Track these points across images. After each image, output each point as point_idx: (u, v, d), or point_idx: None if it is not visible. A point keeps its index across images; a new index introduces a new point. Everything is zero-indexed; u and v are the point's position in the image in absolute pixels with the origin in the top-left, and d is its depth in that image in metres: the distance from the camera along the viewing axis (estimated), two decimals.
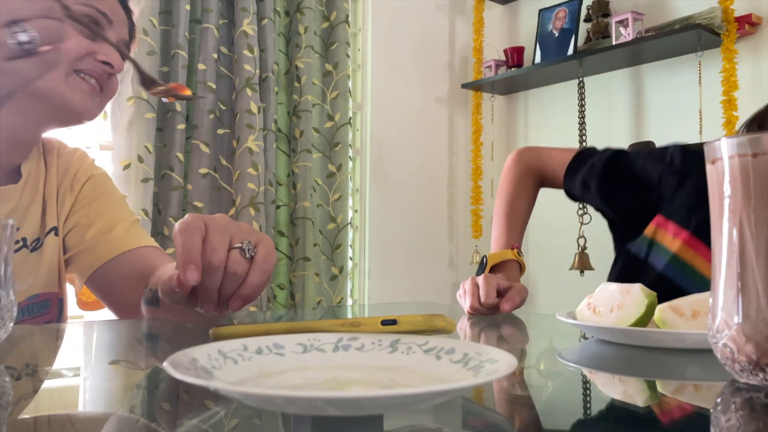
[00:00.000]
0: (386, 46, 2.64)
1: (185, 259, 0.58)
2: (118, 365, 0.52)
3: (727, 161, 0.38)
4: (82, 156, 0.94)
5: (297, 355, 0.41)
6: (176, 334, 0.68)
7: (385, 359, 0.41)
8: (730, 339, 0.38)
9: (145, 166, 1.90)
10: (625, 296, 0.55)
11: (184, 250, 0.58)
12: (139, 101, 1.91)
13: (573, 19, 2.49)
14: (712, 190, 0.40)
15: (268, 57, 2.15)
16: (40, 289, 0.83)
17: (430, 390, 0.29)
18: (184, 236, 0.59)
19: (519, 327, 0.79)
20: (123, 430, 0.34)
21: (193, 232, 0.59)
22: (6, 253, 0.46)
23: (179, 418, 0.36)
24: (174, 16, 1.99)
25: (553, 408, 0.39)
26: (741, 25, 2.06)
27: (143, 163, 1.90)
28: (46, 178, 0.87)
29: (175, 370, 0.31)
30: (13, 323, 0.48)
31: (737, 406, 0.37)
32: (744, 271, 0.37)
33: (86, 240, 0.86)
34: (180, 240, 0.59)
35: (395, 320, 0.44)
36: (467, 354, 0.38)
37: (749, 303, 0.37)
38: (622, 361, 0.52)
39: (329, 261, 2.32)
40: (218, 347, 0.38)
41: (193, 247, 0.58)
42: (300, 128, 2.25)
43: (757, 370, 0.37)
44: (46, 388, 0.43)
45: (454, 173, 2.85)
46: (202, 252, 0.59)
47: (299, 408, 0.29)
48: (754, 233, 0.37)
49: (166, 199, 1.96)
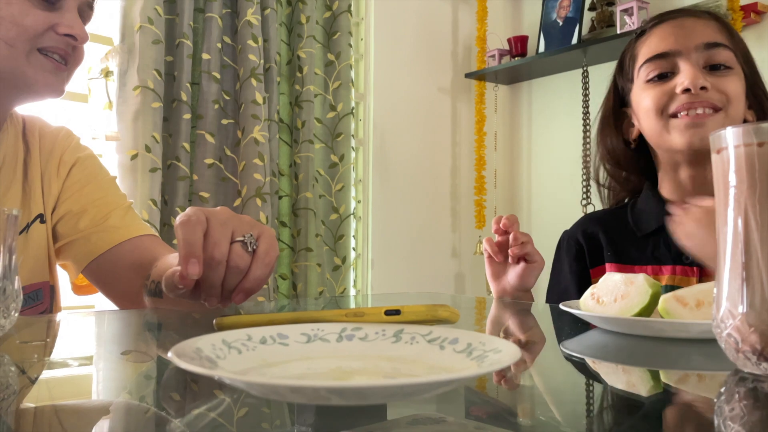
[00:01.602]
0: (389, 36, 2.63)
1: (187, 253, 0.57)
2: (129, 355, 0.53)
3: (732, 150, 0.38)
4: (67, 135, 0.90)
5: (301, 345, 0.41)
6: (182, 323, 0.68)
7: (389, 349, 0.41)
8: (735, 329, 0.38)
9: (153, 155, 1.89)
10: (629, 286, 0.54)
11: (186, 243, 0.58)
12: (145, 90, 1.90)
13: (577, 7, 2.47)
14: (717, 180, 0.40)
15: (272, 47, 2.14)
16: (27, 279, 0.81)
17: (433, 380, 0.29)
18: (185, 229, 0.58)
19: (523, 317, 0.79)
20: (131, 418, 0.34)
21: (195, 225, 0.59)
22: (10, 243, 0.46)
23: (186, 406, 0.37)
24: (179, 5, 1.98)
25: (556, 398, 0.39)
26: (747, 13, 2.05)
27: (151, 152, 1.89)
28: (28, 161, 0.84)
29: (180, 359, 0.31)
30: (18, 313, 0.48)
31: (741, 395, 0.37)
32: (749, 260, 0.37)
33: (80, 229, 0.85)
34: (181, 233, 0.58)
35: (399, 310, 0.44)
36: (471, 344, 0.38)
37: (754, 292, 0.37)
38: (626, 351, 0.52)
39: (332, 251, 2.32)
40: (222, 337, 0.39)
41: (194, 241, 0.58)
42: (302, 119, 2.24)
43: (762, 359, 0.37)
44: (54, 377, 0.43)
45: (458, 163, 2.84)
46: (204, 246, 0.59)
47: (303, 397, 0.29)
48: (759, 222, 0.37)
49: (173, 189, 1.96)
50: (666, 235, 0.94)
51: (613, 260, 1.00)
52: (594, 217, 1.09)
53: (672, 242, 0.92)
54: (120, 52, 1.92)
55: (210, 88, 2.03)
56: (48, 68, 0.75)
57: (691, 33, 0.91)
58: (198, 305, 0.70)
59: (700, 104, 0.88)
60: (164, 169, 1.97)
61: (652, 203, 0.98)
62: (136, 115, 1.89)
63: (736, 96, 0.90)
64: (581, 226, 1.07)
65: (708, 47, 0.89)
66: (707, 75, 0.89)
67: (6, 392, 0.39)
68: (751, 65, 0.95)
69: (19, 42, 0.72)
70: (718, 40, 0.90)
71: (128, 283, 0.82)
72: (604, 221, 1.05)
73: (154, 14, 1.91)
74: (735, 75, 0.91)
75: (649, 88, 0.94)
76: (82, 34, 0.76)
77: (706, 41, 0.90)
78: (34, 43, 0.74)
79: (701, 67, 0.90)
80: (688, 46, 0.90)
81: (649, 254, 0.95)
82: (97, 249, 0.84)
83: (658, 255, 0.94)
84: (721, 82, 0.89)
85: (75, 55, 0.78)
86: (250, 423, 0.32)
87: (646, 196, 0.99)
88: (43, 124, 0.89)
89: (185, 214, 0.60)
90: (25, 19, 0.72)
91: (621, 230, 1.00)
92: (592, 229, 1.04)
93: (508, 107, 2.90)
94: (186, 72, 1.97)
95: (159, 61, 1.92)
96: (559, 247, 1.10)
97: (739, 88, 0.91)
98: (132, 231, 0.85)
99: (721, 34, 0.92)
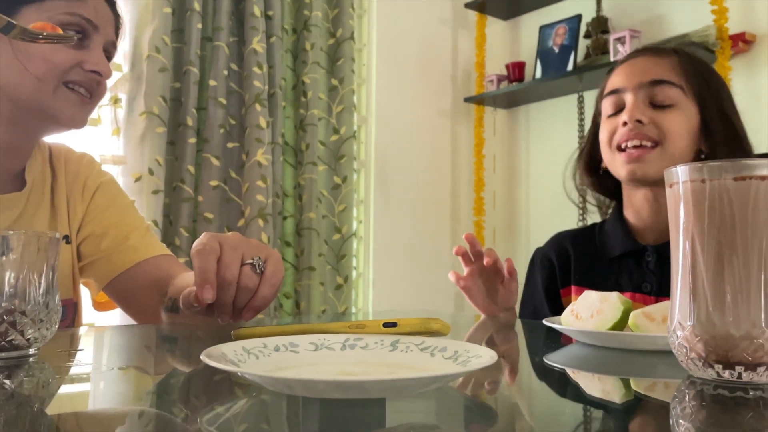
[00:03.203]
0: (391, 61, 2.71)
1: (202, 280, 0.65)
2: (164, 363, 0.59)
3: (681, 186, 0.44)
4: (90, 162, 0.96)
5: (309, 353, 0.47)
6: (204, 335, 0.74)
7: (387, 356, 0.47)
8: (684, 339, 0.44)
9: (156, 178, 1.97)
10: (603, 303, 0.61)
11: (201, 271, 0.65)
12: (150, 116, 1.98)
13: (573, 35, 2.56)
14: (670, 211, 0.46)
15: (276, 73, 2.22)
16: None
17: (421, 376, 0.35)
18: (200, 257, 0.66)
19: (509, 331, 0.85)
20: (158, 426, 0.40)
21: (209, 254, 0.66)
22: (53, 263, 0.52)
23: (209, 405, 0.42)
24: (186, 34, 2.07)
25: (540, 404, 0.44)
26: (735, 42, 2.13)
27: (154, 175, 1.97)
28: (54, 186, 0.90)
29: (210, 360, 0.38)
30: (57, 325, 0.55)
31: (690, 397, 0.43)
32: (695, 281, 0.43)
33: (101, 249, 0.91)
34: (197, 262, 0.66)
35: (395, 323, 0.50)
36: (457, 351, 0.44)
37: (699, 308, 0.43)
38: (601, 362, 0.58)
39: (334, 271, 2.38)
40: (242, 345, 0.45)
41: (209, 269, 0.65)
42: (306, 141, 2.31)
43: (706, 366, 0.43)
44: (88, 382, 0.49)
45: (457, 185, 2.91)
46: (217, 270, 0.66)
47: (311, 390, 0.35)
48: (705, 249, 0.43)
49: (178, 210, 2.03)
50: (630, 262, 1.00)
51: (578, 283, 1.06)
52: (567, 236, 1.13)
53: (634, 270, 0.98)
54: (129, 80, 2.01)
55: (216, 113, 2.11)
56: (73, 101, 0.81)
57: (640, 71, 0.97)
58: (210, 320, 0.77)
59: (635, 137, 0.94)
60: (170, 191, 2.04)
61: (617, 228, 1.04)
62: (141, 139, 1.98)
63: (673, 131, 0.94)
64: (554, 246, 1.12)
65: (652, 84, 0.95)
66: (650, 110, 0.95)
67: (46, 393, 0.45)
68: (709, 101, 0.98)
69: (48, 77, 0.78)
70: (664, 77, 0.96)
71: (146, 299, 0.88)
72: (575, 241, 1.10)
73: (161, 43, 2.00)
74: (677, 111, 0.96)
75: (605, 122, 1.01)
76: (106, 71, 0.83)
77: (650, 79, 0.96)
78: (62, 78, 0.80)
79: (646, 103, 0.96)
80: (635, 84, 0.97)
81: (613, 281, 1.01)
82: (117, 268, 0.90)
83: (621, 282, 1.00)
84: (661, 118, 0.94)
85: (99, 90, 0.85)
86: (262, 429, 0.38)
87: (613, 219, 1.06)
88: (68, 151, 0.95)
89: (200, 242, 0.67)
90: (55, 56, 0.78)
91: (590, 252, 1.06)
92: (564, 248, 1.10)
93: (506, 130, 2.98)
94: (192, 98, 2.06)
95: (165, 88, 2.00)
96: (532, 263, 1.15)
97: (679, 123, 0.95)
98: (150, 251, 0.91)
99: (673, 71, 0.97)
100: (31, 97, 0.78)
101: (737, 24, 2.15)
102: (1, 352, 0.50)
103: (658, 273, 0.97)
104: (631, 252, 1.01)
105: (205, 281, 0.65)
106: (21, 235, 0.51)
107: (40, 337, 0.52)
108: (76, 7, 0.80)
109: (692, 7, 2.26)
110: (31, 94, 0.78)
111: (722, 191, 0.42)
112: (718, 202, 0.42)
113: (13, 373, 0.48)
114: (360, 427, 0.35)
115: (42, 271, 0.52)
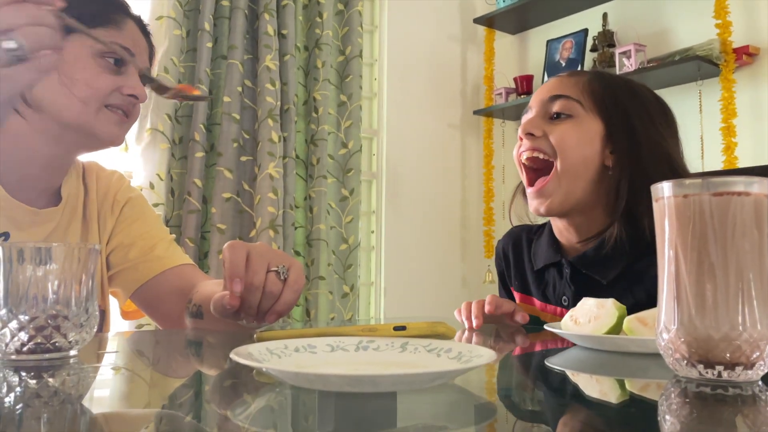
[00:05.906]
0: (401, 76, 2.77)
1: (232, 273, 0.71)
2: (190, 364, 0.63)
3: (665, 200, 0.48)
4: (120, 179, 1.03)
5: (326, 353, 0.51)
6: (229, 338, 0.79)
7: (397, 357, 0.51)
8: (670, 341, 0.48)
9: (156, 192, 2.06)
10: (600, 309, 0.65)
11: (231, 264, 0.71)
12: (155, 132, 2.06)
13: (579, 50, 2.60)
14: (657, 223, 0.50)
15: (290, 90, 2.29)
16: None
17: (428, 371, 0.39)
18: (231, 252, 0.72)
19: (513, 335, 0.89)
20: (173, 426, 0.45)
21: (239, 250, 0.72)
22: (92, 272, 0.57)
23: (238, 400, 0.47)
24: (197, 54, 2.16)
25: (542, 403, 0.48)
26: (739, 55, 2.16)
27: (154, 189, 2.05)
28: (86, 201, 0.97)
29: (238, 357, 0.42)
30: (95, 329, 0.59)
31: (675, 395, 0.47)
32: (679, 287, 0.47)
33: (129, 259, 0.96)
34: (228, 255, 0.72)
35: (405, 326, 0.55)
36: (461, 352, 0.49)
37: (683, 312, 0.47)
38: (598, 364, 0.62)
39: (341, 280, 2.44)
40: (266, 346, 0.49)
41: (239, 263, 0.72)
42: (316, 155, 2.38)
43: (690, 365, 0.47)
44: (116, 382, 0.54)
45: (467, 195, 2.95)
46: (245, 275, 0.72)
47: (328, 384, 0.39)
48: (687, 258, 0.47)
49: (185, 222, 2.11)
50: (554, 273, 1.02)
51: (518, 288, 1.10)
52: (520, 231, 1.14)
53: (557, 282, 1.01)
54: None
55: (230, 128, 2.18)
56: (113, 121, 0.88)
57: (543, 89, 1.01)
58: (232, 325, 0.81)
59: (527, 149, 0.98)
60: (178, 204, 2.13)
61: (546, 238, 1.05)
62: (146, 154, 2.07)
63: (565, 141, 0.95)
64: (507, 242, 1.14)
65: (551, 100, 0.98)
66: (544, 123, 0.97)
67: (84, 388, 0.50)
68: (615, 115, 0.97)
69: (92, 100, 0.85)
70: (560, 92, 0.98)
71: (172, 306, 0.93)
72: (522, 241, 1.11)
73: (170, 64, 2.09)
74: (572, 122, 0.96)
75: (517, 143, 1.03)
76: (142, 95, 0.89)
77: (548, 95, 0.99)
78: (104, 101, 0.86)
79: (545, 118, 0.98)
80: (536, 101, 1.00)
81: (542, 290, 1.04)
82: (143, 276, 0.95)
83: (548, 294, 1.03)
84: (555, 129, 0.95)
85: (134, 111, 0.91)
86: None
87: (547, 231, 1.07)
88: (99, 168, 1.02)
89: (231, 243, 0.74)
90: (96, 82, 0.85)
91: (527, 258, 1.09)
92: (514, 245, 1.12)
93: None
94: (201, 114, 2.14)
95: (171, 105, 2.09)
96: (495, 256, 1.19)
97: (573, 133, 0.95)
98: (174, 260, 0.97)
99: (575, 87, 0.98)
100: (76, 118, 0.85)
101: (741, 37, 2.18)
102: (46, 353, 0.55)
103: (573, 286, 0.98)
104: (553, 264, 1.02)
105: (235, 274, 0.71)
106: (63, 246, 0.56)
107: (80, 340, 0.57)
108: (116, 37, 0.87)
109: (696, 21, 2.30)
110: (76, 115, 0.84)
111: (703, 206, 0.46)
112: (699, 216, 0.47)
113: (56, 373, 0.52)
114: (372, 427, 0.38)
115: (81, 279, 0.56)
